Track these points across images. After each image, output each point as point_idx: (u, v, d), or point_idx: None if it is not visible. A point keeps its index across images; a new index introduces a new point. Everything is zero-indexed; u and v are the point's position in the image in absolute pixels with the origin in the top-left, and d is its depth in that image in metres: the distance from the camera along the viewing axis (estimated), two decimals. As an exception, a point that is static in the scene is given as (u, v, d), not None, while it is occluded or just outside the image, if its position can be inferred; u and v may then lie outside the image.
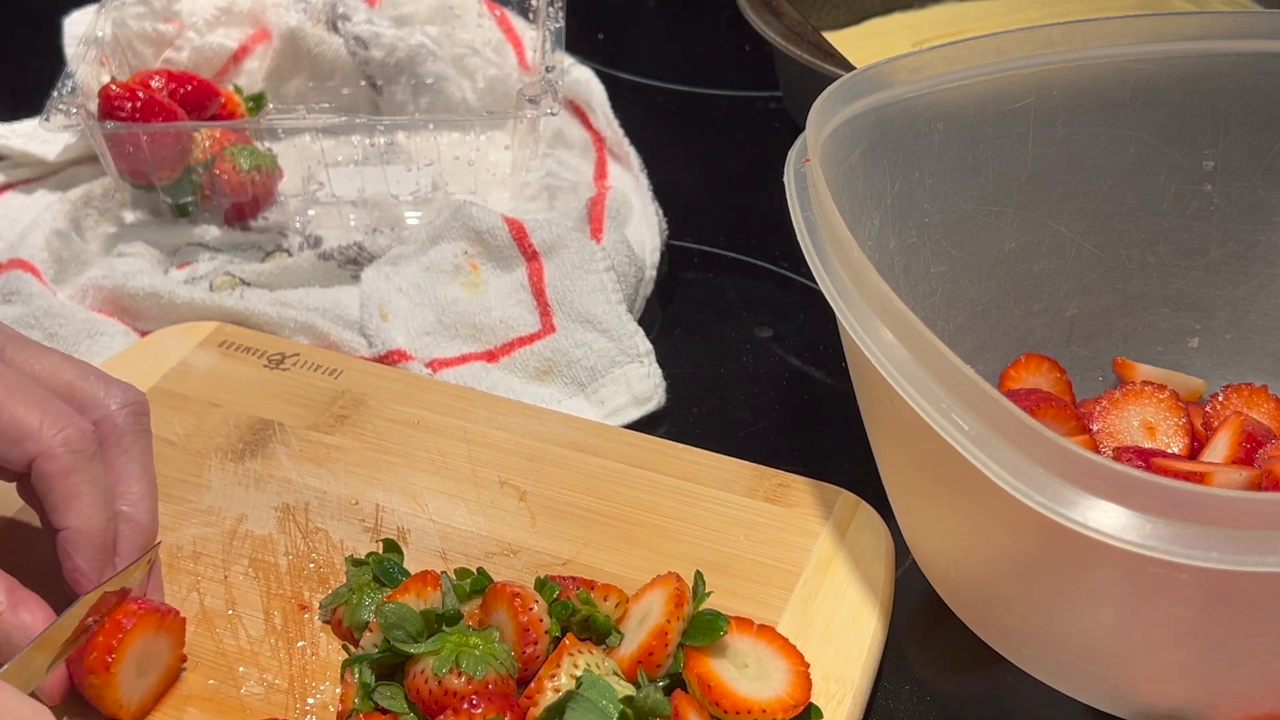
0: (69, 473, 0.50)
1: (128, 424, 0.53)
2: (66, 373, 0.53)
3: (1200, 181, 0.65)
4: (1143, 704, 0.51)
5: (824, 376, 0.74)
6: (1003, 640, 0.55)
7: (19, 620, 0.49)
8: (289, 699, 0.53)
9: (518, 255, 0.76)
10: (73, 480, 0.50)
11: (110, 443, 0.53)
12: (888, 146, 0.60)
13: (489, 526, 0.61)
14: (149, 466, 0.54)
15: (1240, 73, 0.63)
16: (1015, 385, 0.65)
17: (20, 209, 0.83)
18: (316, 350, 0.71)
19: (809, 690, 0.51)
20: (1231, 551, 0.41)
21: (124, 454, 0.53)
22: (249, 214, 0.81)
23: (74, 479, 0.50)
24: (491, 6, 0.92)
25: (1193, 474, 0.55)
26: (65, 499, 0.50)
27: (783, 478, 0.63)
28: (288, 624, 0.56)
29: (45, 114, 0.76)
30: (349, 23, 0.86)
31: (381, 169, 0.81)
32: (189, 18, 0.87)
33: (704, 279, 0.81)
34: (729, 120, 0.96)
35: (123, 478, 0.53)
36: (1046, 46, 0.62)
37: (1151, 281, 0.67)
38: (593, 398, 0.71)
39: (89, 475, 0.51)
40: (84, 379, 0.53)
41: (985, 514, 0.49)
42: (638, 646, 0.51)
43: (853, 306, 0.50)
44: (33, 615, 0.50)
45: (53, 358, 0.54)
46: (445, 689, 0.49)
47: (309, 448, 0.65)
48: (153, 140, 0.77)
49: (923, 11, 0.97)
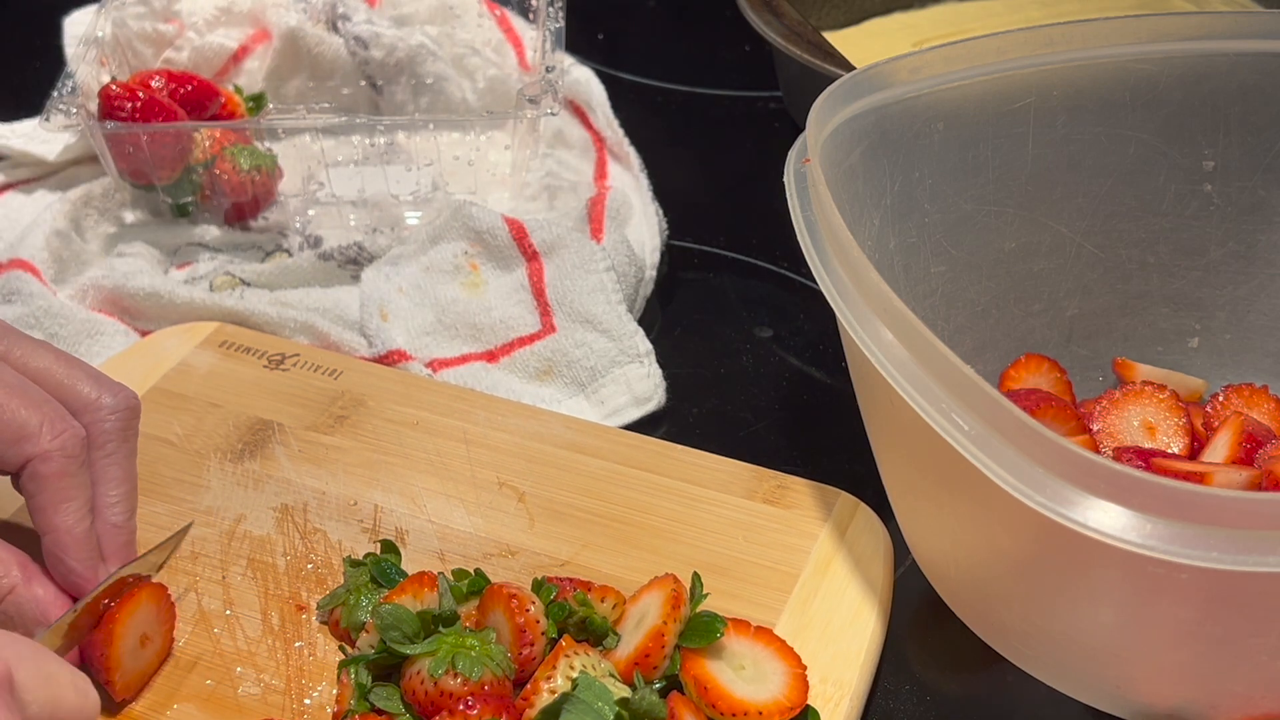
0: (61, 476, 0.51)
1: (115, 429, 0.54)
2: (59, 372, 0.54)
3: (1200, 181, 0.65)
4: (1143, 704, 0.51)
5: (824, 376, 0.74)
6: (1003, 640, 0.55)
7: (32, 594, 0.51)
8: (286, 699, 0.53)
9: (518, 255, 0.76)
10: (64, 484, 0.51)
11: (95, 445, 0.54)
12: (888, 146, 0.60)
13: (487, 527, 0.61)
14: (131, 471, 0.55)
15: (1240, 73, 0.63)
16: (1015, 385, 0.65)
17: (20, 209, 0.83)
18: (316, 350, 0.71)
19: (806, 692, 0.51)
20: (1231, 551, 0.40)
21: (108, 457, 0.54)
22: (249, 214, 0.81)
23: (65, 483, 0.51)
24: (491, 6, 0.92)
25: (1193, 474, 0.55)
26: (55, 502, 0.51)
27: (782, 479, 0.63)
28: (285, 624, 0.56)
29: (45, 114, 0.76)
30: (349, 23, 0.86)
31: (381, 169, 0.81)
32: (189, 18, 0.87)
33: (704, 279, 0.81)
34: (729, 120, 0.95)
35: (104, 481, 0.54)
36: (1046, 46, 0.62)
37: (1151, 281, 0.67)
38: (593, 398, 0.70)
39: (79, 480, 0.52)
40: (77, 380, 0.54)
41: (985, 514, 0.49)
42: (634, 648, 0.51)
43: (853, 306, 0.50)
44: (45, 590, 0.51)
45: (47, 355, 0.54)
46: (441, 690, 0.49)
47: (308, 448, 0.65)
48: (153, 140, 0.77)
49: (923, 11, 0.97)
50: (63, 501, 0.51)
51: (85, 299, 0.75)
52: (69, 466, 0.51)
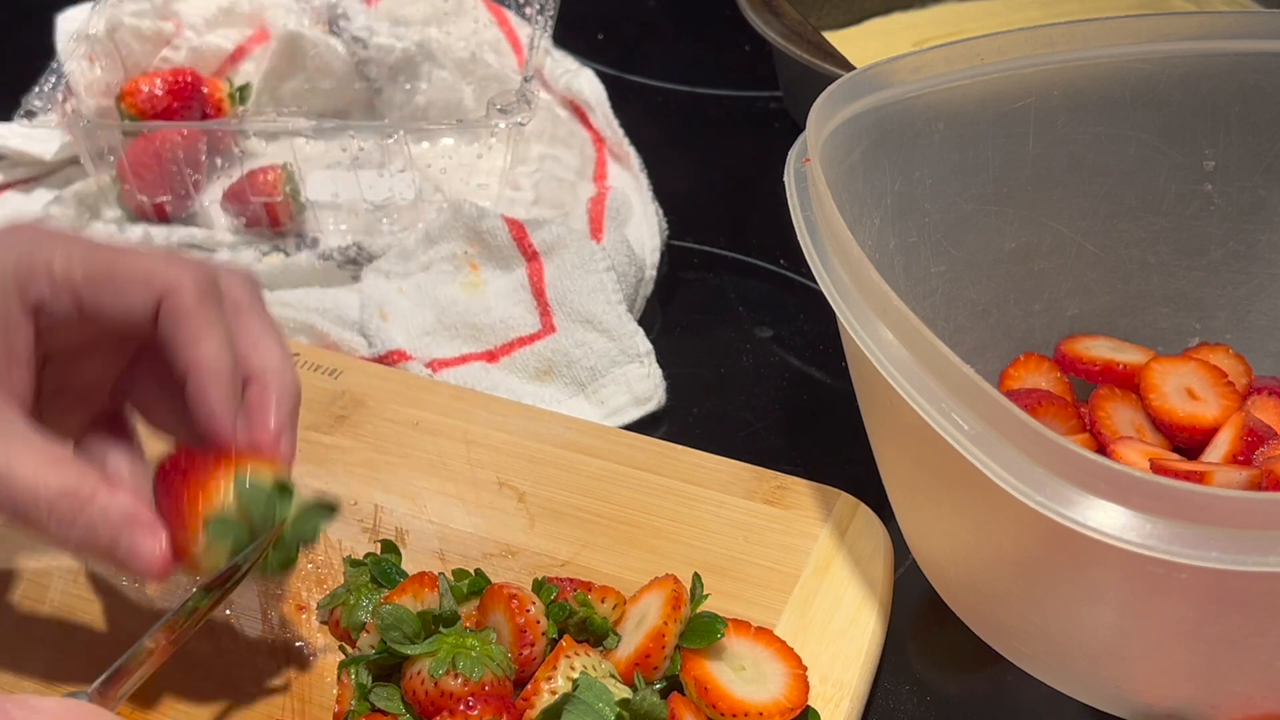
0: (199, 307, 0.49)
1: (245, 291, 0.52)
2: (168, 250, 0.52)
3: (1200, 181, 0.65)
4: (1143, 704, 0.51)
5: (824, 376, 0.74)
6: (1003, 640, 0.55)
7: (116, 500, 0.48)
8: (286, 699, 0.53)
9: (518, 255, 0.76)
10: (203, 317, 0.49)
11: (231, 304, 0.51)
12: (888, 146, 0.60)
13: (487, 527, 0.61)
14: (276, 328, 0.53)
15: (1240, 73, 0.63)
16: (1015, 385, 0.65)
17: (19, 208, 0.83)
18: (316, 350, 0.71)
19: (806, 693, 0.51)
20: (1231, 551, 0.40)
21: (249, 313, 0.52)
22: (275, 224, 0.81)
23: (204, 316, 0.49)
24: (491, 6, 0.92)
25: (1193, 474, 0.55)
26: (196, 335, 0.49)
27: (782, 480, 0.63)
28: (285, 625, 0.56)
29: (21, 110, 0.76)
30: (348, 23, 0.86)
31: (371, 172, 0.80)
32: (188, 17, 0.87)
33: (704, 279, 0.81)
34: (729, 120, 0.95)
35: (254, 335, 0.51)
36: (1046, 46, 0.62)
37: (1151, 281, 0.67)
38: (593, 398, 0.70)
39: (217, 315, 0.49)
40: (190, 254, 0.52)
41: (985, 514, 0.49)
42: (635, 648, 0.51)
43: (853, 306, 0.50)
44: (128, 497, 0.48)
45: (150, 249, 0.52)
46: (442, 690, 0.49)
47: (308, 448, 0.65)
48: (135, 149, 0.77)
49: (923, 11, 0.97)
50: (203, 334, 0.49)
51: (85, 299, 0.75)
52: (204, 300, 0.49)
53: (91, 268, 0.49)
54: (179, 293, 0.49)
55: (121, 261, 0.49)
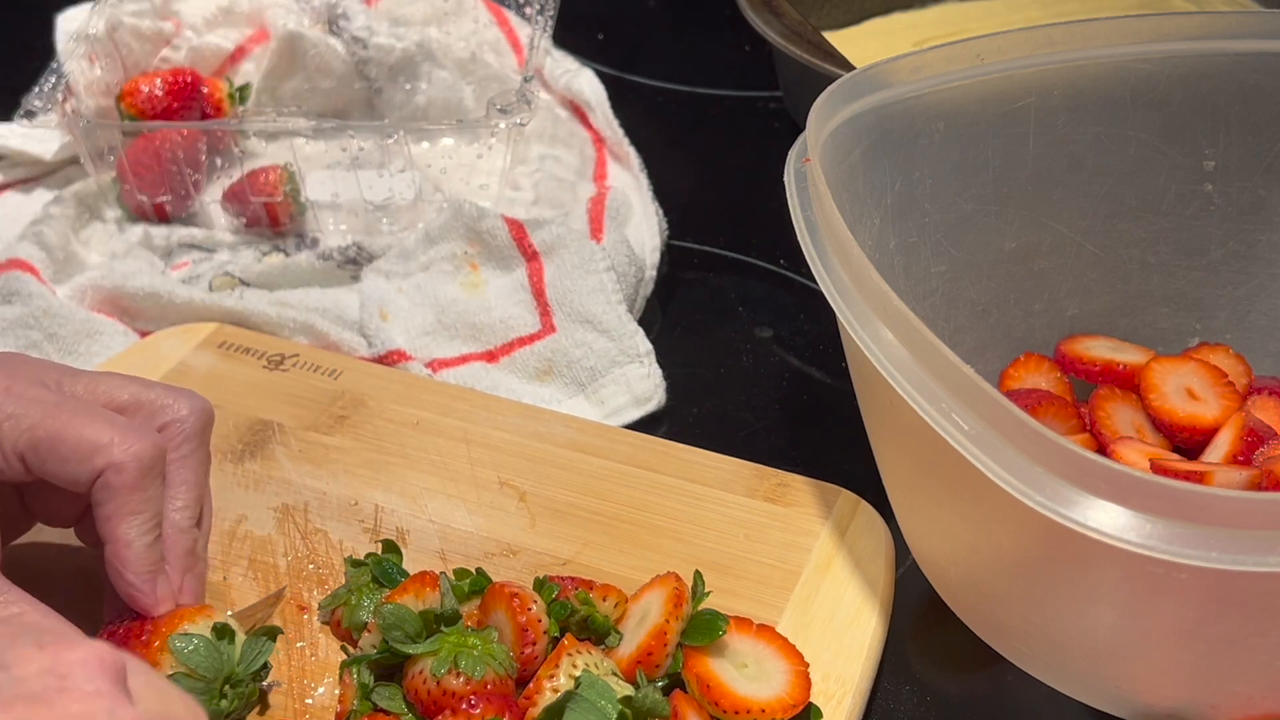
0: (133, 489, 0.50)
1: (192, 431, 0.53)
2: (129, 388, 0.53)
3: (1200, 181, 0.65)
4: (1143, 704, 0.51)
5: (824, 376, 0.74)
6: (1003, 640, 0.55)
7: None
8: (288, 699, 0.53)
9: (518, 255, 0.76)
10: (134, 497, 0.50)
11: (172, 448, 0.53)
12: (888, 146, 0.60)
13: (488, 527, 0.61)
14: (202, 478, 0.54)
15: (1240, 73, 0.63)
16: (1015, 385, 0.65)
17: (19, 208, 0.83)
18: (316, 351, 0.71)
19: (808, 690, 0.51)
20: (1231, 551, 0.41)
21: (182, 459, 0.53)
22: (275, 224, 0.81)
23: (136, 495, 0.50)
24: (491, 6, 0.92)
25: (1193, 474, 0.55)
26: (122, 514, 0.50)
27: (782, 477, 0.63)
28: (287, 625, 0.56)
29: (21, 110, 0.76)
30: (348, 23, 0.86)
31: (371, 172, 0.80)
32: (188, 17, 0.87)
33: (704, 279, 0.81)
34: (729, 120, 0.95)
35: (173, 484, 0.53)
36: (1047, 46, 0.62)
37: (1151, 281, 0.67)
38: (593, 398, 0.70)
39: (151, 495, 0.51)
40: (149, 390, 0.53)
41: (985, 514, 0.49)
42: (636, 646, 0.51)
43: (853, 306, 0.50)
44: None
45: (111, 379, 0.54)
46: (444, 689, 0.49)
47: (308, 448, 0.65)
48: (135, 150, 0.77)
49: (923, 11, 0.97)
50: (130, 514, 0.50)
51: (84, 299, 0.75)
52: (142, 480, 0.50)
53: (36, 440, 0.49)
54: (119, 470, 0.50)
55: (69, 430, 0.50)
